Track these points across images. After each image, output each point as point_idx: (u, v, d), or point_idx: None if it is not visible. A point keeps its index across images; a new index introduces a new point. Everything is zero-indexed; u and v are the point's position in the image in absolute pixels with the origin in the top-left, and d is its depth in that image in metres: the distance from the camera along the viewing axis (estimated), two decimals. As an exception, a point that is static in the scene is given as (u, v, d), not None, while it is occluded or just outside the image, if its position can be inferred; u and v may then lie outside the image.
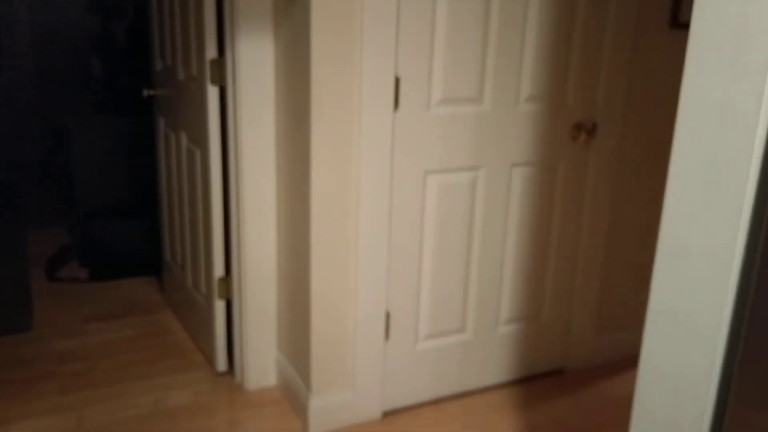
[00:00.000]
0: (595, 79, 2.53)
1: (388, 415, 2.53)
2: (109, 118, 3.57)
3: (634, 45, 2.56)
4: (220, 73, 2.41)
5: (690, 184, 1.16)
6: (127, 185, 3.67)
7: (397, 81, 2.19)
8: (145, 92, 2.96)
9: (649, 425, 1.29)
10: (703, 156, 1.13)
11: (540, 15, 2.36)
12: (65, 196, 4.05)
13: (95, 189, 3.61)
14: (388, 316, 2.42)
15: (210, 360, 2.79)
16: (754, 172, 1.07)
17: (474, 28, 2.26)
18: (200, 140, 2.58)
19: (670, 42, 2.64)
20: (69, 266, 3.67)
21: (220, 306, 2.66)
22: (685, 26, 2.64)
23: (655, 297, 1.24)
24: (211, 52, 2.39)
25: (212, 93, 2.43)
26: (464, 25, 2.24)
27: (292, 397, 2.52)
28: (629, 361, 2.97)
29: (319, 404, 2.39)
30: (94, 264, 3.52)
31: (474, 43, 2.27)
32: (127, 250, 3.57)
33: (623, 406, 2.64)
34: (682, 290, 1.19)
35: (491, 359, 2.67)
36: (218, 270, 2.63)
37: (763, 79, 1.03)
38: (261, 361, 2.65)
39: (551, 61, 2.43)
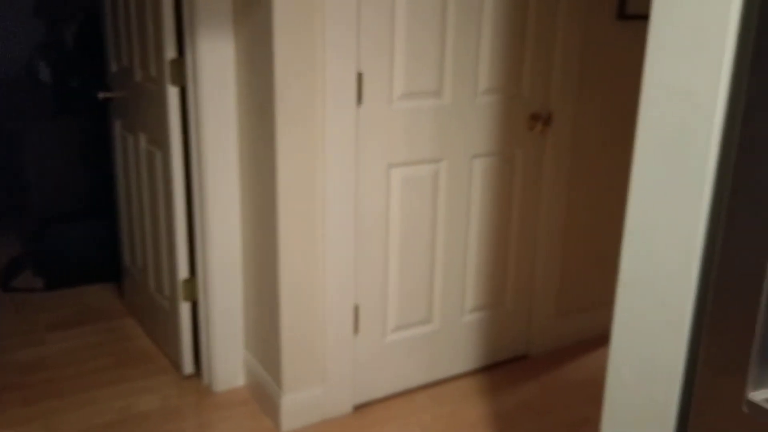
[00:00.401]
0: (549, 70, 2.60)
1: (359, 408, 2.56)
2: (61, 121, 3.50)
3: (584, 37, 2.65)
4: (180, 73, 2.40)
5: (654, 164, 1.22)
6: (82, 190, 3.61)
7: (360, 76, 2.22)
8: (101, 95, 2.92)
9: (623, 396, 1.35)
10: (665, 138, 1.20)
11: (494, 10, 2.41)
12: (17, 204, 3.96)
13: (49, 195, 3.54)
14: (356, 309, 2.44)
15: (176, 363, 2.77)
16: (713, 151, 1.13)
17: (432, 23, 2.30)
18: (160, 141, 2.56)
19: (618, 33, 2.73)
20: (23, 275, 3.59)
21: (185, 308, 2.65)
22: (631, 17, 2.73)
23: (624, 272, 1.30)
24: (170, 53, 2.38)
25: (172, 94, 2.42)
26: (423, 21, 2.28)
27: (262, 396, 2.52)
28: (589, 343, 3.06)
29: (290, 402, 2.40)
30: (50, 272, 3.45)
31: (433, 38, 2.32)
32: (84, 256, 3.50)
33: (586, 387, 2.72)
34: (649, 265, 1.25)
35: (458, 348, 2.72)
36: (182, 272, 2.61)
37: (720, 65, 1.10)
38: (229, 362, 2.64)
39: (507, 54, 2.49)
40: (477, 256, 2.65)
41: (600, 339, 3.10)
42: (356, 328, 2.46)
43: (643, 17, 2.76)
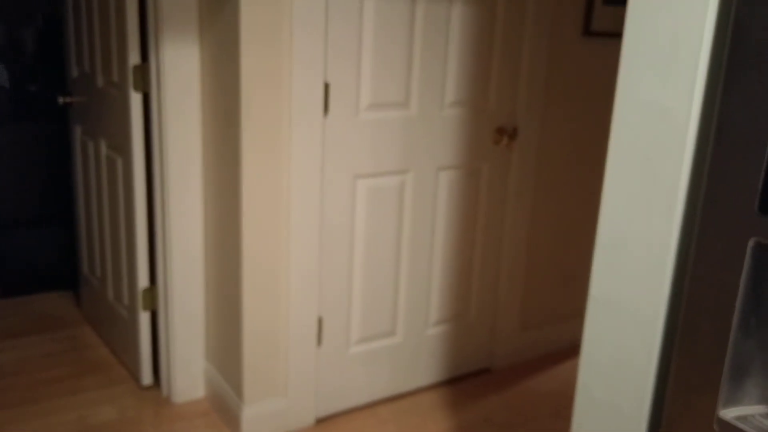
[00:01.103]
0: (515, 84, 2.62)
1: (321, 420, 2.53)
2: (18, 126, 3.43)
3: (549, 52, 2.67)
4: (143, 79, 2.36)
5: (626, 179, 1.23)
6: (39, 196, 3.53)
7: (327, 87, 2.21)
8: (61, 99, 2.86)
9: (592, 410, 1.35)
10: (638, 153, 1.20)
11: (462, 23, 2.43)
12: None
13: (5, 201, 3.45)
14: (320, 321, 2.42)
15: (134, 374, 2.72)
16: (686, 167, 1.14)
17: (400, 35, 2.30)
18: (122, 148, 2.52)
19: (583, 49, 2.77)
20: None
21: (144, 318, 2.60)
22: (596, 34, 2.77)
23: (595, 287, 1.30)
24: (134, 58, 2.34)
25: (135, 100, 2.38)
26: (390, 33, 2.28)
27: (223, 408, 2.48)
28: (552, 356, 3.08)
29: (251, 413, 2.37)
30: (5, 279, 3.37)
31: (400, 49, 2.32)
32: (41, 263, 3.43)
33: (549, 401, 2.73)
34: (620, 280, 1.26)
35: (421, 361, 2.71)
36: (142, 280, 2.57)
37: (693, 81, 1.11)
38: (189, 373, 2.60)
39: (473, 68, 2.50)
40: (441, 268, 2.65)
41: (563, 353, 3.12)
42: (319, 340, 2.44)
43: (608, 34, 2.80)
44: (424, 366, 2.73)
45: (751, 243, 1.04)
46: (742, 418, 1.11)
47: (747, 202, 1.04)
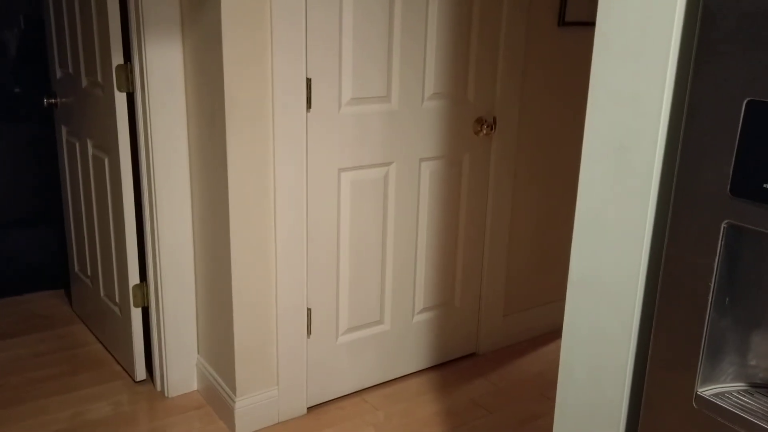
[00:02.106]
0: (493, 76, 2.67)
1: (312, 409, 2.59)
2: (5, 127, 3.44)
3: (526, 43, 2.73)
4: (127, 79, 2.40)
5: (602, 165, 1.26)
6: (28, 196, 3.55)
7: (309, 82, 2.25)
8: (46, 101, 2.88)
9: (574, 393, 1.40)
10: (612, 139, 1.24)
11: (439, 16, 2.47)
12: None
13: (-8, 202, 3.48)
14: (309, 312, 2.47)
15: (128, 369, 2.76)
16: (659, 152, 1.18)
17: (379, 30, 2.35)
18: (108, 147, 2.55)
19: (559, 39, 2.82)
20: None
21: (136, 314, 2.64)
22: (571, 24, 2.82)
23: (574, 270, 1.35)
24: (117, 59, 2.37)
25: (120, 99, 2.41)
26: (370, 28, 2.33)
27: (216, 400, 2.53)
28: (536, 340, 3.15)
29: (244, 405, 2.42)
30: (-5, 280, 3.39)
31: (380, 44, 2.36)
32: (31, 263, 3.45)
33: (534, 383, 2.80)
34: (598, 263, 1.30)
35: (409, 348, 2.77)
36: (133, 277, 2.61)
37: (664, 68, 1.15)
38: (181, 367, 2.65)
39: (452, 60, 2.55)
40: (426, 257, 2.71)
41: (547, 336, 3.19)
42: (309, 331, 2.49)
43: (583, 23, 2.86)
44: (411, 353, 2.79)
45: (724, 224, 1.08)
46: (720, 396, 1.15)
47: (719, 185, 1.07)
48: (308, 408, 2.58)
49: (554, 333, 3.21)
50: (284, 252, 2.34)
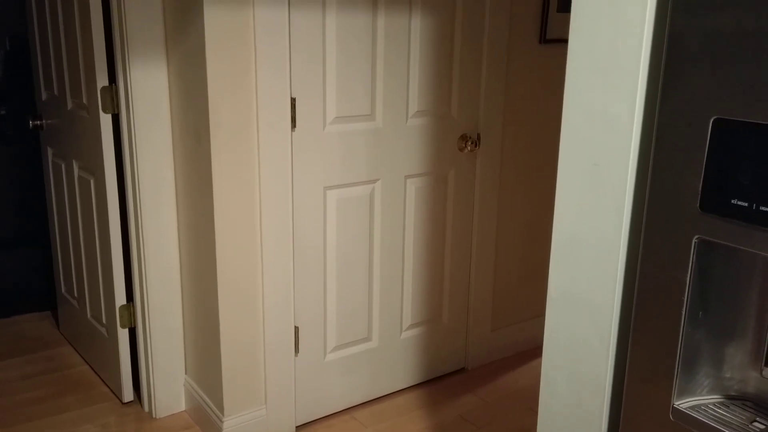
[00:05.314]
0: (476, 93, 2.70)
1: (301, 428, 2.59)
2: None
3: (508, 60, 2.76)
4: (112, 100, 2.41)
5: (576, 182, 1.28)
6: (13, 217, 3.55)
7: (293, 101, 2.27)
8: (31, 123, 2.89)
9: (556, 407, 1.41)
10: (586, 156, 1.26)
11: (422, 35, 2.50)
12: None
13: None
14: (297, 330, 2.48)
15: (116, 391, 2.75)
16: (632, 169, 1.20)
17: (363, 50, 2.37)
18: (94, 168, 2.56)
19: (540, 56, 2.85)
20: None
21: (123, 335, 2.64)
22: (552, 41, 2.86)
23: (552, 285, 1.37)
24: (102, 80, 2.39)
25: (105, 121, 2.42)
26: (354, 48, 2.35)
27: (204, 420, 2.53)
28: (524, 354, 3.16)
29: (232, 424, 2.41)
30: (-19, 303, 3.38)
31: (364, 64, 2.39)
32: (18, 285, 3.44)
33: (522, 398, 2.81)
34: (576, 278, 1.32)
35: (397, 364, 2.78)
36: (120, 298, 2.61)
37: (635, 87, 1.17)
38: (169, 387, 2.64)
39: (435, 78, 2.58)
40: (413, 273, 2.72)
41: (534, 350, 3.20)
42: (297, 350, 2.50)
43: (564, 41, 2.89)
44: (400, 369, 2.79)
45: (695, 240, 1.10)
46: (696, 408, 1.16)
47: (689, 201, 1.09)
48: (297, 426, 2.58)
49: (541, 347, 3.21)
50: (271, 270, 2.35)
